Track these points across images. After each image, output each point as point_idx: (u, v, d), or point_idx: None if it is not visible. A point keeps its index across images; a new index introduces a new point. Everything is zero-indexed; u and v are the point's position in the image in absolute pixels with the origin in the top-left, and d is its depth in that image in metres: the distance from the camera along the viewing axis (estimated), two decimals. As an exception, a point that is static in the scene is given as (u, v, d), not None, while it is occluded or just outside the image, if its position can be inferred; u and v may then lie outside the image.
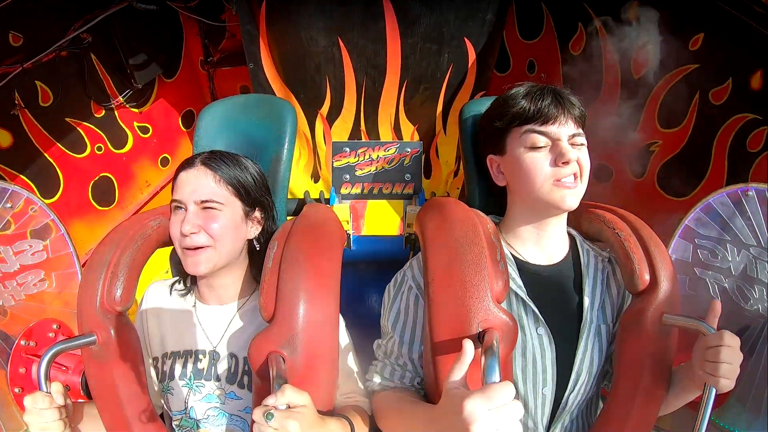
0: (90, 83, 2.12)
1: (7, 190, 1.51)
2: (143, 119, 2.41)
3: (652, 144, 1.93)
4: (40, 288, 1.56)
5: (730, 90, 1.66)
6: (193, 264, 0.96)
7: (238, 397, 1.02)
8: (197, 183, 0.97)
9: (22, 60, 1.78)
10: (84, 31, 1.95)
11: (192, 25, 2.45)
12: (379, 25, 1.86)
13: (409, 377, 1.00)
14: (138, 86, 2.29)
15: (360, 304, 1.46)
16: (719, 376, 0.79)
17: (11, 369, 1.43)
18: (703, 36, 1.69)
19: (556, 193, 0.93)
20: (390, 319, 1.02)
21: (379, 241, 1.43)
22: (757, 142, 1.58)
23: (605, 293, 1.00)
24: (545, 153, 0.94)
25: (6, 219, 1.50)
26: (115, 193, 2.30)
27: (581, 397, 0.96)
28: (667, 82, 1.83)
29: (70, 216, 2.00)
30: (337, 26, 1.88)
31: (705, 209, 1.36)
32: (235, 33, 2.46)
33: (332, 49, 1.96)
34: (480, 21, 1.90)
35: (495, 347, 0.74)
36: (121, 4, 2.00)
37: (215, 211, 0.97)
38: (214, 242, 0.96)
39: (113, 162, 2.30)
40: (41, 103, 1.94)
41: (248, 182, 1.03)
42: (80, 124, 2.12)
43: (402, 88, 2.09)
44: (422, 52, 1.96)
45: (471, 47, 1.98)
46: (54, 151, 2.01)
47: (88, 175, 2.19)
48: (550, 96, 0.95)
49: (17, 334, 1.47)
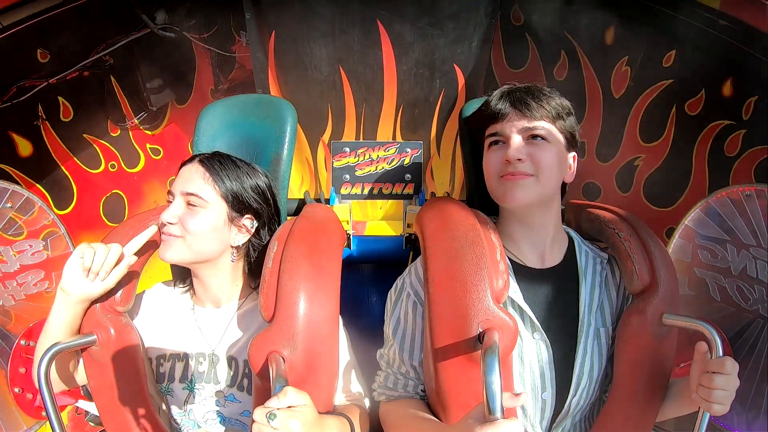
0: (108, 103, 2.23)
1: (7, 190, 1.52)
2: (155, 141, 2.51)
3: (635, 159, 2.05)
4: (40, 288, 1.56)
5: (704, 100, 1.77)
6: (162, 250, 0.98)
7: (238, 400, 1.02)
8: (188, 177, 0.99)
9: (48, 75, 1.88)
10: (106, 54, 2.06)
11: (204, 55, 2.57)
12: (376, 52, 1.96)
13: (412, 385, 1.00)
14: (152, 109, 2.39)
15: (360, 304, 1.46)
16: (713, 402, 0.80)
17: (11, 369, 1.43)
18: (675, 52, 1.81)
19: (501, 188, 0.95)
20: (391, 326, 1.02)
21: (379, 241, 1.43)
22: (733, 146, 1.68)
23: (603, 295, 1.00)
24: (499, 151, 0.96)
25: (6, 218, 1.50)
26: (125, 211, 2.39)
27: (584, 402, 0.96)
28: (646, 99, 1.96)
29: (80, 229, 2.08)
30: (339, 54, 1.99)
31: (705, 209, 1.36)
32: (243, 63, 2.58)
33: (333, 77, 2.06)
34: (467, 47, 2.01)
35: (495, 347, 0.74)
36: (142, 31, 2.12)
37: (197, 207, 0.98)
38: (185, 235, 0.97)
39: (125, 180, 2.39)
40: (62, 118, 2.04)
41: (239, 188, 1.01)
42: (97, 141, 2.22)
43: (398, 113, 2.19)
44: (416, 78, 2.06)
45: (460, 72, 2.09)
46: (70, 164, 2.10)
47: (100, 190, 2.27)
48: (511, 95, 0.97)
49: (17, 334, 1.47)
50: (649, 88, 1.93)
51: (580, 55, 2.12)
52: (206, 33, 2.38)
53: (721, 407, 0.80)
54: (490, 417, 0.68)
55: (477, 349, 0.82)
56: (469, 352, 0.83)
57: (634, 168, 2.05)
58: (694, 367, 0.85)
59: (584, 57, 2.11)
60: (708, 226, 1.35)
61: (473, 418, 0.72)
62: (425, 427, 0.90)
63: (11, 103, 1.78)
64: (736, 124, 1.67)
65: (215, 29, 2.39)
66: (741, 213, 1.30)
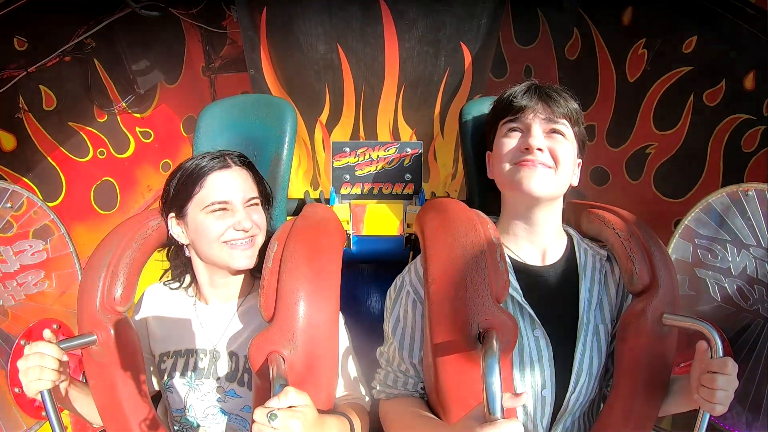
0: (93, 88, 2.15)
1: (7, 190, 1.52)
2: (145, 124, 2.44)
3: (648, 146, 1.96)
4: (40, 288, 1.56)
5: (724, 91, 1.68)
6: (244, 257, 1.01)
7: (238, 396, 1.03)
8: (241, 183, 1.02)
9: (27, 64, 1.81)
10: (88, 37, 1.98)
11: (193, 32, 2.48)
12: (377, 29, 1.87)
13: (411, 383, 1.01)
14: (140, 92, 2.32)
15: (360, 304, 1.46)
16: (715, 403, 0.80)
17: (11, 369, 1.43)
18: (697, 38, 1.72)
19: (516, 174, 0.94)
20: (390, 324, 1.02)
21: (379, 241, 1.43)
22: (751, 142, 1.61)
23: (603, 292, 1.00)
24: (516, 139, 0.97)
25: (6, 219, 1.50)
26: (117, 198, 2.32)
27: (583, 399, 0.96)
28: (662, 85, 1.87)
29: (72, 220, 2.01)
30: (336, 32, 1.90)
31: (705, 209, 1.36)
32: (235, 39, 2.49)
33: (331, 56, 1.97)
34: (475, 25, 1.92)
35: (495, 347, 0.74)
36: (124, 10, 2.03)
37: (256, 206, 1.04)
38: (259, 232, 1.03)
39: (115, 166, 2.32)
40: (45, 107, 1.96)
41: (265, 184, 1.10)
42: (83, 128, 2.14)
43: (400, 93, 2.11)
44: (419, 56, 1.97)
45: (467, 51, 2.00)
46: (57, 154, 2.03)
47: (90, 179, 2.21)
48: (532, 91, 0.98)
49: (17, 334, 1.47)
50: (667, 74, 1.84)
51: (595, 35, 2.01)
52: (194, 8, 2.28)
53: (722, 408, 0.81)
54: (490, 417, 0.68)
55: (477, 349, 0.82)
56: (468, 352, 0.83)
57: (646, 156, 1.97)
58: (694, 367, 0.85)
59: (599, 36, 2.01)
60: (708, 226, 1.35)
61: (473, 418, 0.72)
62: (425, 425, 0.91)
63: (-11, 96, 1.70)
64: (755, 120, 1.60)
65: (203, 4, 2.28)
66: (741, 213, 1.30)
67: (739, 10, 1.52)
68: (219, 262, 1.01)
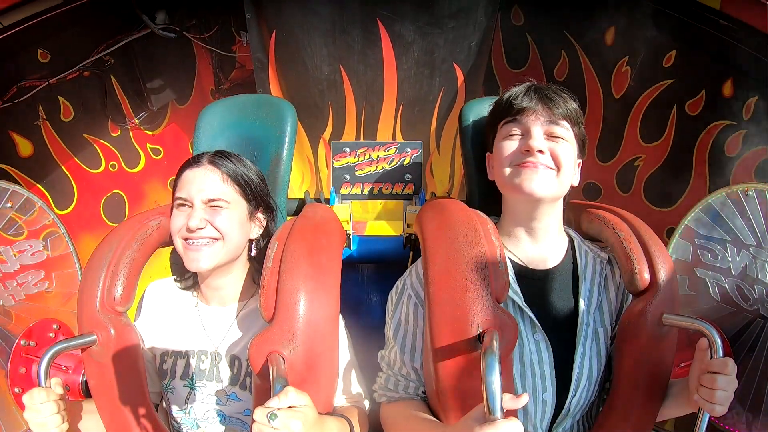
0: (108, 103, 2.22)
1: (7, 190, 1.52)
2: (156, 141, 2.51)
3: (636, 159, 2.05)
4: (40, 288, 1.56)
5: (705, 100, 1.77)
6: (195, 260, 0.96)
7: (240, 399, 1.03)
8: (204, 181, 0.98)
9: (48, 76, 1.89)
10: (107, 54, 2.07)
11: (205, 55, 2.57)
12: (376, 51, 1.98)
13: (413, 387, 1.00)
14: (153, 109, 2.40)
15: (360, 304, 1.46)
16: (715, 403, 0.80)
17: (11, 369, 1.43)
18: (676, 52, 1.81)
19: (517, 175, 0.94)
20: (392, 328, 1.02)
21: (379, 241, 1.43)
22: (734, 146, 1.67)
23: (603, 295, 1.00)
24: (516, 141, 0.96)
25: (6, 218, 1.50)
26: (126, 210, 2.38)
27: (584, 401, 0.96)
28: (646, 99, 1.96)
29: (80, 229, 2.08)
30: (339, 54, 2.01)
31: (705, 209, 1.36)
32: (244, 63, 2.59)
33: (334, 76, 2.08)
34: (466, 47, 2.03)
35: (495, 347, 0.74)
36: (142, 30, 2.13)
37: (221, 208, 0.98)
38: (221, 236, 0.97)
39: (126, 180, 2.38)
40: (62, 118, 2.04)
41: (253, 182, 1.04)
42: (97, 141, 2.21)
43: (398, 111, 2.22)
44: (416, 77, 2.09)
45: (459, 71, 2.11)
46: (71, 164, 2.10)
47: (101, 190, 2.27)
48: (531, 93, 0.98)
49: (17, 334, 1.47)
50: (650, 88, 1.93)
51: (581, 56, 2.13)
52: (207, 33, 2.40)
53: (722, 408, 0.81)
54: (490, 417, 0.68)
55: (477, 349, 0.82)
56: (469, 352, 0.83)
57: (635, 168, 2.05)
58: (694, 367, 0.85)
59: (585, 57, 2.12)
60: (708, 226, 1.35)
61: (473, 418, 0.72)
62: (425, 427, 0.91)
63: (12, 103, 1.78)
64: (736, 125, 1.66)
65: (216, 29, 2.40)
66: (741, 213, 1.30)
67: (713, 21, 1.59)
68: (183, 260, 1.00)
